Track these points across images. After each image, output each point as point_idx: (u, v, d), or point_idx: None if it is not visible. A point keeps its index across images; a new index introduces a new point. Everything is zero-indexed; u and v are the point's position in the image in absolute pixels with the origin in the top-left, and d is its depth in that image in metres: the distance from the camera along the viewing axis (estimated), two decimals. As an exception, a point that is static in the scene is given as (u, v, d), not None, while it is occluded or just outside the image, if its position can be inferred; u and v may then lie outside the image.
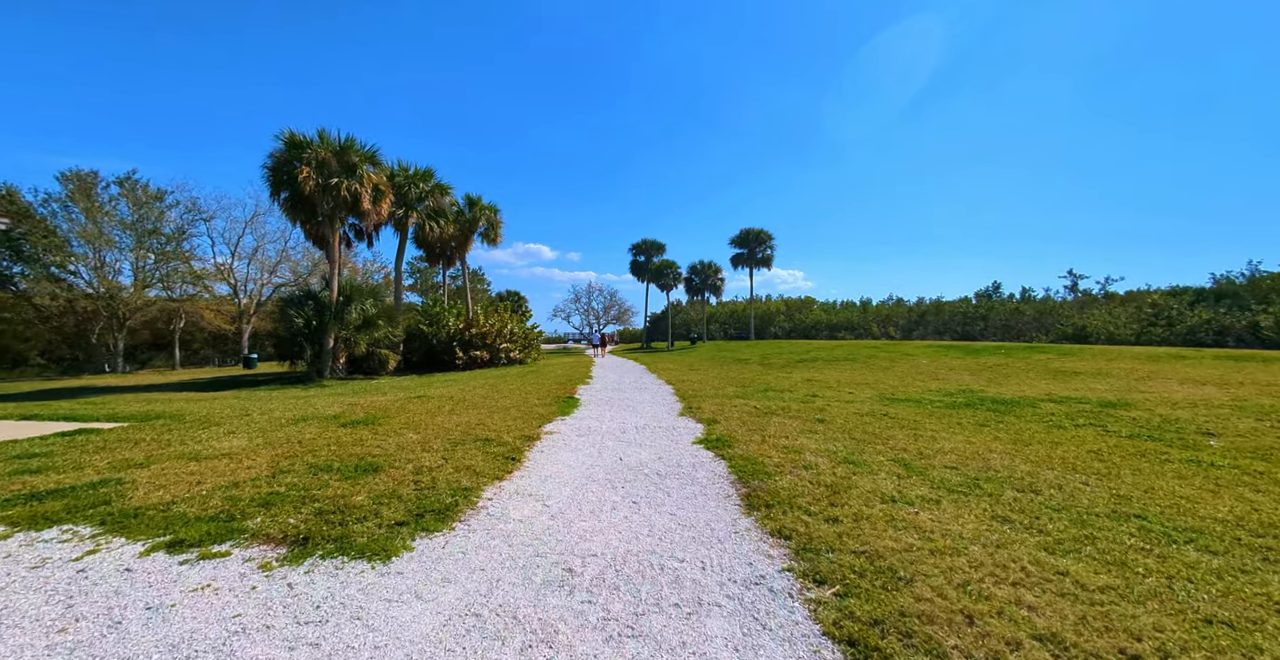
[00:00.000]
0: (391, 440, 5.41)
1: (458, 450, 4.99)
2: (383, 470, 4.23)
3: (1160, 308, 23.53)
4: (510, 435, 5.74)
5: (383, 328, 18.56)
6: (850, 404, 9.19)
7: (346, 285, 17.78)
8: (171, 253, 24.25)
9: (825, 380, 13.12)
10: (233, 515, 3.33)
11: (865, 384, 12.33)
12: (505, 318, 22.58)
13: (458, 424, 6.39)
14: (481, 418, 6.90)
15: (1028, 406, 8.69)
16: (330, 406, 8.13)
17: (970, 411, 8.40)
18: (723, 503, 3.79)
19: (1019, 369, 13.33)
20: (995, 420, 7.55)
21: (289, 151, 15.60)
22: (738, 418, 7.48)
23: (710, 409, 8.29)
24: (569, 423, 6.91)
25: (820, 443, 5.89)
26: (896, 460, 5.13)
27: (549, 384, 12.14)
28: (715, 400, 9.42)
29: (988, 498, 3.95)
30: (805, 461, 5.00)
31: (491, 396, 9.41)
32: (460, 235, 23.14)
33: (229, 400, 10.57)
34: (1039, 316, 32.17)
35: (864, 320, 44.81)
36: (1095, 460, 5.19)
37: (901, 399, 9.84)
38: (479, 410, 7.57)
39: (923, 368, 15.02)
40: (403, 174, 19.89)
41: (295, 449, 5.09)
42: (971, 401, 9.39)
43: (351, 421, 6.50)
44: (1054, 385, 11.06)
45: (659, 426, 6.75)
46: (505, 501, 3.68)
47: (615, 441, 5.80)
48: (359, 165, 16.60)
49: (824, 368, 16.45)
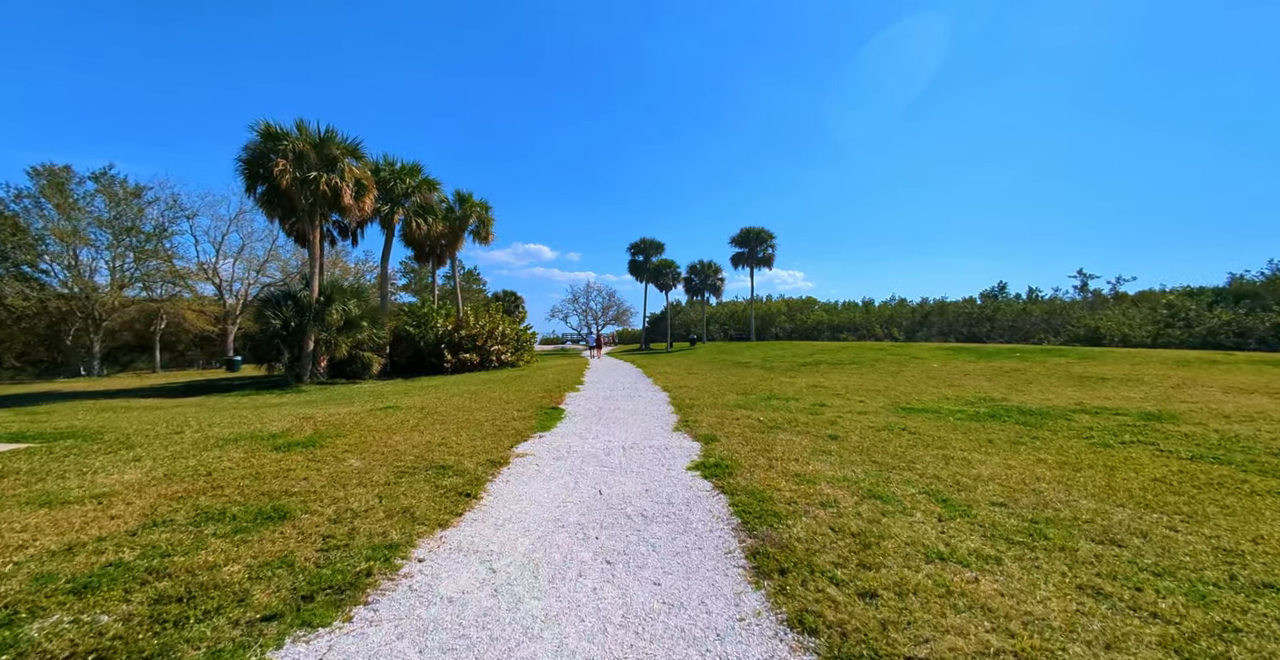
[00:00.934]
0: (325, 469, 4.54)
1: (402, 483, 4.14)
2: (291, 517, 3.36)
3: (1177, 308, 22.68)
4: (473, 460, 4.89)
5: (366, 329, 17.72)
6: (863, 416, 8.35)
7: (328, 285, 16.95)
8: (151, 251, 23.38)
9: (832, 386, 12.28)
10: (15, 612, 2.31)
11: (875, 391, 11.49)
12: (497, 319, 21.74)
13: (416, 445, 5.53)
14: (447, 435, 6.04)
15: (1060, 418, 7.85)
16: (281, 420, 7.26)
17: (997, 424, 7.56)
18: (723, 563, 2.94)
19: (1039, 374, 12.48)
20: (1028, 436, 6.71)
21: (265, 143, 14.77)
22: (739, 434, 6.64)
23: (709, 422, 7.44)
24: (547, 441, 6.06)
25: (837, 468, 5.04)
26: (930, 493, 4.29)
27: (535, 391, 11.29)
28: (714, 411, 8.57)
29: (1060, 553, 3.10)
30: (822, 496, 4.15)
31: (468, 407, 8.56)
32: (450, 233, 22.30)
33: (179, 410, 9.71)
34: (1048, 317, 31.32)
35: (866, 321, 43.97)
36: (1168, 492, 4.34)
37: (918, 409, 8.99)
38: (448, 425, 6.71)
39: (934, 372, 14.17)
40: (388, 169, 19.06)
41: (196, 485, 4.15)
42: (996, 412, 8.55)
43: (290, 443, 5.61)
44: (1081, 393, 10.21)
45: (650, 445, 5.90)
46: (440, 564, 2.81)
47: (597, 467, 4.95)
48: (340, 159, 15.77)
49: (829, 372, 15.60)
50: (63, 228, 20.27)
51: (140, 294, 24.03)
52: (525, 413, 7.93)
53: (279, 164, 14.25)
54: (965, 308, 39.27)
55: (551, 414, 7.96)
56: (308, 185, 14.89)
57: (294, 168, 14.68)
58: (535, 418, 7.57)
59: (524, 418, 7.45)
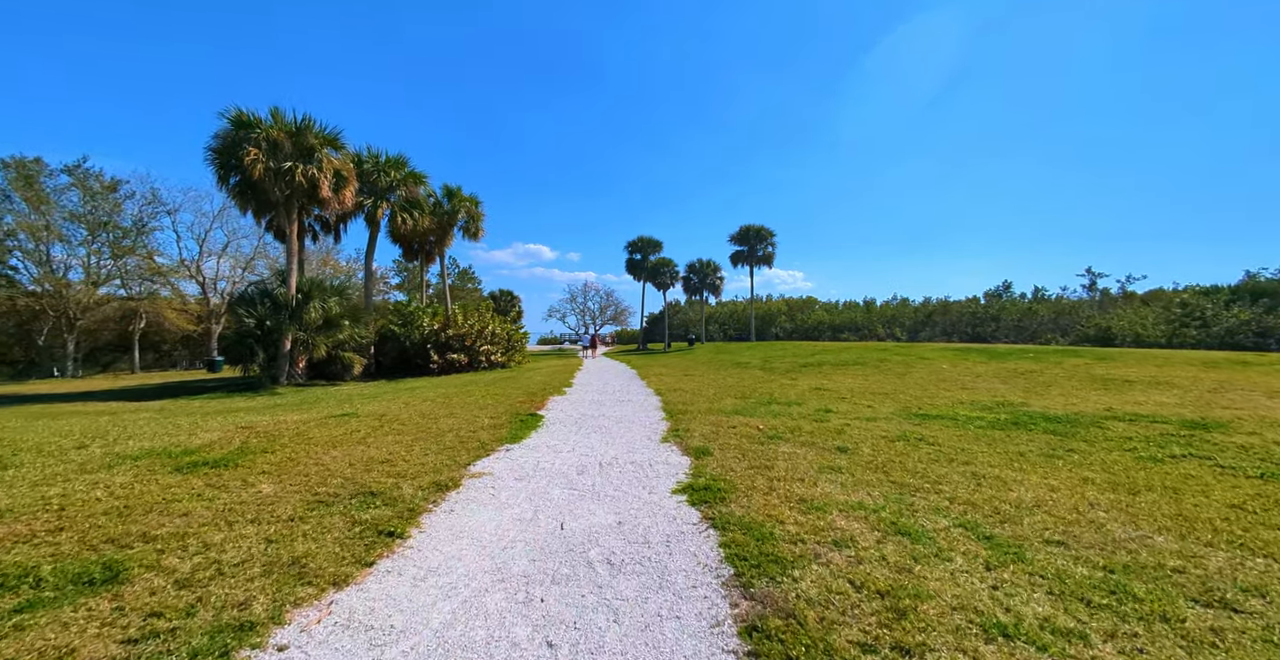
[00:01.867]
0: (222, 499, 3.69)
1: (311, 518, 3.32)
2: (123, 579, 2.49)
3: (1191, 308, 21.88)
4: (415, 483, 4.08)
5: (347, 329, 16.92)
6: (873, 422, 7.56)
7: (307, 282, 16.15)
8: (129, 247, 22.55)
9: (837, 389, 11.49)
10: None
11: (883, 394, 10.70)
12: (486, 318, 20.95)
13: (354, 462, 4.72)
14: (397, 449, 5.23)
15: (1092, 426, 7.07)
16: (215, 430, 6.41)
17: (1023, 434, 6.78)
18: (707, 645, 2.15)
19: (1057, 376, 11.69)
20: (1062, 448, 5.93)
21: (236, 132, 13.96)
22: (736, 446, 5.85)
23: (702, 432, 6.65)
24: (514, 456, 5.26)
25: (850, 490, 4.25)
26: (968, 526, 3.50)
27: (517, 395, 10.50)
28: (709, 418, 7.79)
29: (1164, 625, 2.31)
30: (835, 530, 3.36)
31: (434, 413, 7.75)
32: (439, 229, 21.51)
33: (124, 415, 8.90)
34: (1056, 317, 30.54)
35: (868, 321, 43.23)
36: (1258, 525, 3.56)
37: (932, 415, 8.21)
38: (403, 436, 5.90)
39: (944, 374, 13.38)
40: (371, 161, 18.26)
41: (32, 526, 3.23)
42: (1018, 419, 7.76)
43: (200, 462, 4.70)
44: (1108, 397, 9.42)
45: (632, 461, 5.11)
46: (307, 656, 2.02)
47: (565, 490, 4.15)
48: (318, 148, 14.97)
49: (833, 373, 14.81)
50: (34, 222, 19.48)
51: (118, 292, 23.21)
52: (498, 420, 7.13)
53: (250, 153, 13.45)
54: (969, 307, 38.51)
55: (528, 422, 7.16)
56: (282, 176, 14.09)
57: (267, 157, 13.88)
58: (508, 426, 6.78)
59: (494, 427, 6.65)
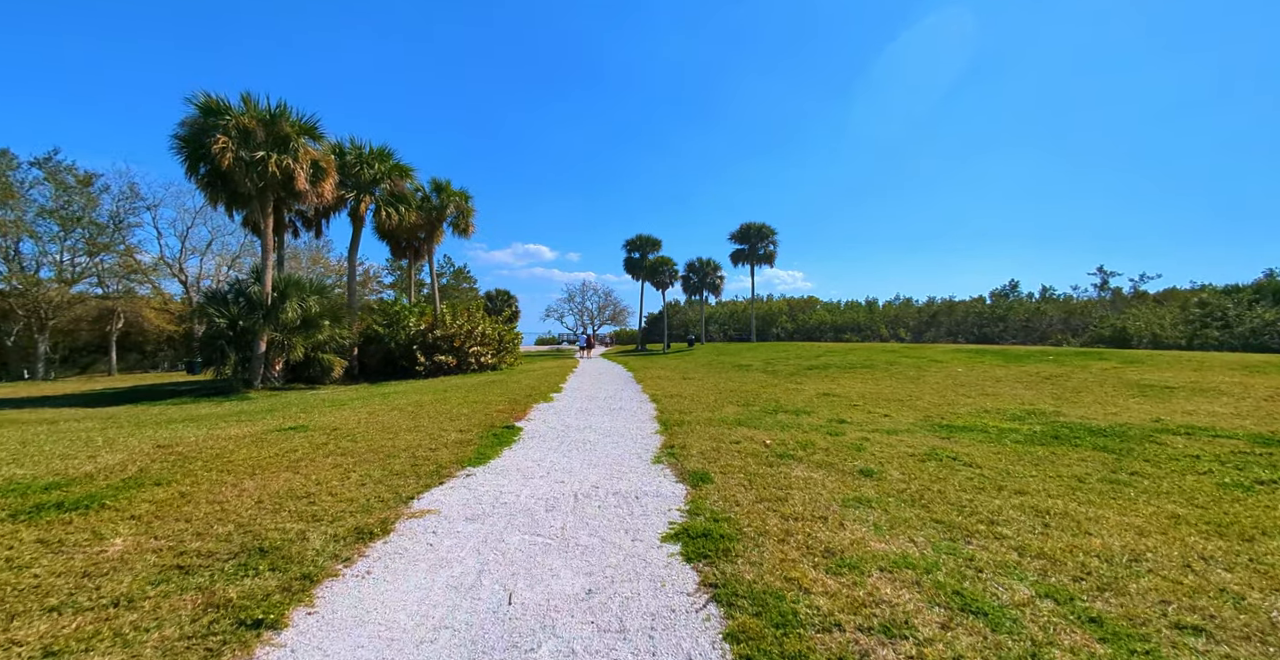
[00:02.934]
0: (34, 569, 2.63)
1: (147, 600, 2.27)
2: None
3: (1212, 307, 20.98)
4: (330, 531, 3.12)
5: (327, 329, 16.03)
6: (895, 436, 6.68)
7: (283, 279, 15.26)
8: (105, 244, 21.62)
9: (847, 395, 10.60)
10: None
11: (898, 401, 9.82)
12: (476, 318, 20.05)
13: (266, 497, 3.74)
14: (331, 477, 4.30)
15: (1146, 442, 6.18)
16: (120, 451, 5.43)
17: (1070, 450, 5.89)
18: None
19: (1086, 381, 10.80)
20: (1123, 470, 5.06)
21: (205, 118, 13.06)
22: (740, 468, 4.96)
23: (701, 449, 5.76)
24: (474, 483, 4.37)
25: (887, 535, 3.37)
26: (1057, 596, 2.60)
27: (499, 401, 9.61)
28: (709, 430, 6.90)
29: None
30: (881, 606, 2.47)
31: (397, 426, 6.84)
32: (427, 225, 20.62)
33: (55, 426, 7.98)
34: (1067, 317, 29.64)
35: (871, 321, 42.34)
36: None
37: (959, 427, 7.32)
38: (346, 458, 4.99)
39: (960, 378, 12.49)
40: (354, 152, 17.36)
41: None
42: (1057, 431, 6.88)
43: (57, 502, 3.67)
44: (1151, 405, 8.53)
45: (615, 491, 4.21)
46: None
47: (526, 536, 3.26)
48: (293, 138, 14.08)
49: (840, 377, 13.92)
50: (1, 217, 18.56)
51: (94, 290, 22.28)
52: (467, 434, 6.22)
53: (218, 140, 12.55)
54: (975, 307, 37.61)
55: (502, 436, 6.25)
56: (253, 166, 13.19)
57: (237, 146, 12.98)
58: (477, 442, 5.88)
59: (460, 443, 5.75)
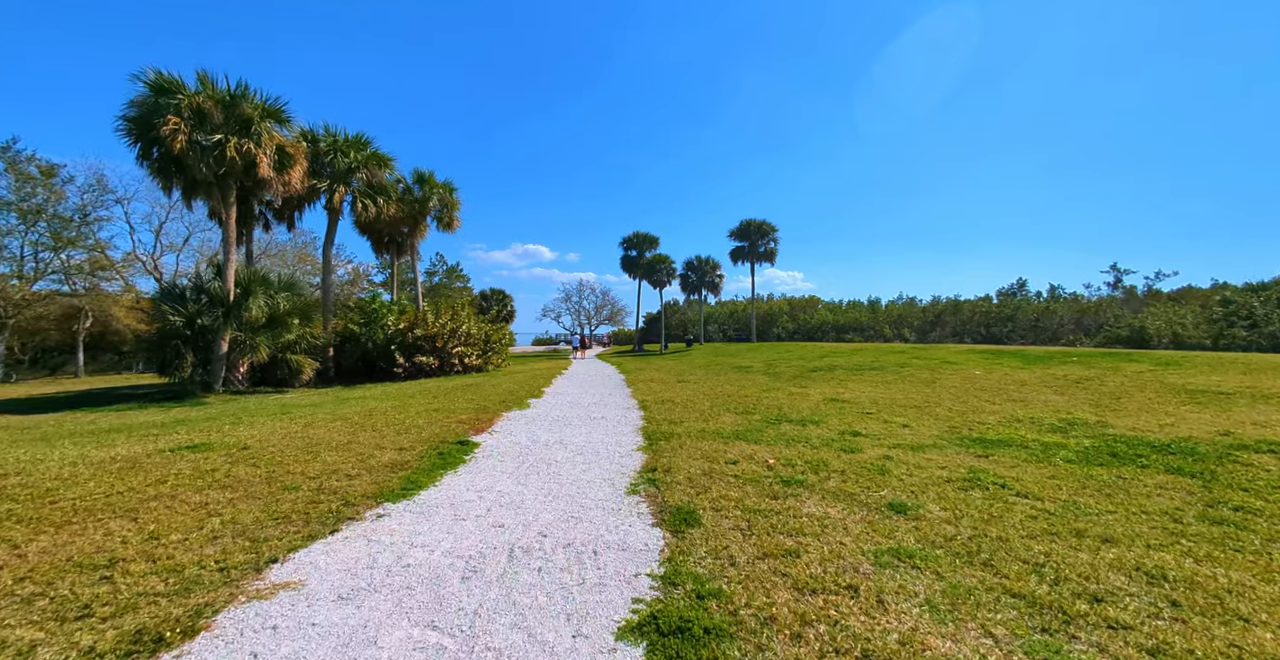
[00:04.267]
0: None
1: None
2: None
3: (1237, 306, 19.91)
4: (86, 643, 2.07)
5: (297, 328, 14.96)
6: (922, 453, 5.61)
7: (248, 274, 14.18)
8: (70, 239, 20.52)
9: (857, 400, 9.53)
10: None
11: (915, 407, 8.75)
12: (461, 317, 18.96)
13: (36, 570, 2.65)
14: (179, 526, 3.11)
15: (1226, 462, 5.13)
16: None
17: (1138, 473, 4.84)
18: None
19: (1124, 386, 9.72)
20: (1219, 501, 4.03)
21: (156, 98, 11.99)
22: (737, 502, 3.89)
23: (689, 473, 4.70)
24: (379, 530, 3.28)
25: (948, 622, 2.29)
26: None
27: (467, 408, 8.54)
28: (701, 446, 5.83)
29: None
30: None
31: (325, 443, 5.72)
32: (409, 218, 19.55)
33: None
34: (1079, 317, 28.55)
35: (874, 321, 41.26)
36: None
37: (994, 441, 6.25)
38: (226, 494, 3.81)
39: (980, 382, 11.42)
40: (328, 140, 16.27)
41: None
42: (1113, 447, 5.82)
43: None
44: (1211, 415, 7.44)
45: (568, 542, 3.13)
46: None
47: (412, 634, 2.18)
48: (256, 121, 13.00)
49: (847, 380, 12.85)
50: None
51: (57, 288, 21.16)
52: (406, 454, 5.13)
53: (169, 121, 11.47)
54: (981, 307, 36.52)
55: (449, 455, 5.17)
56: (210, 151, 12.12)
57: (190, 128, 11.91)
58: (414, 464, 4.79)
59: (393, 466, 4.67)
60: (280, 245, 31.56)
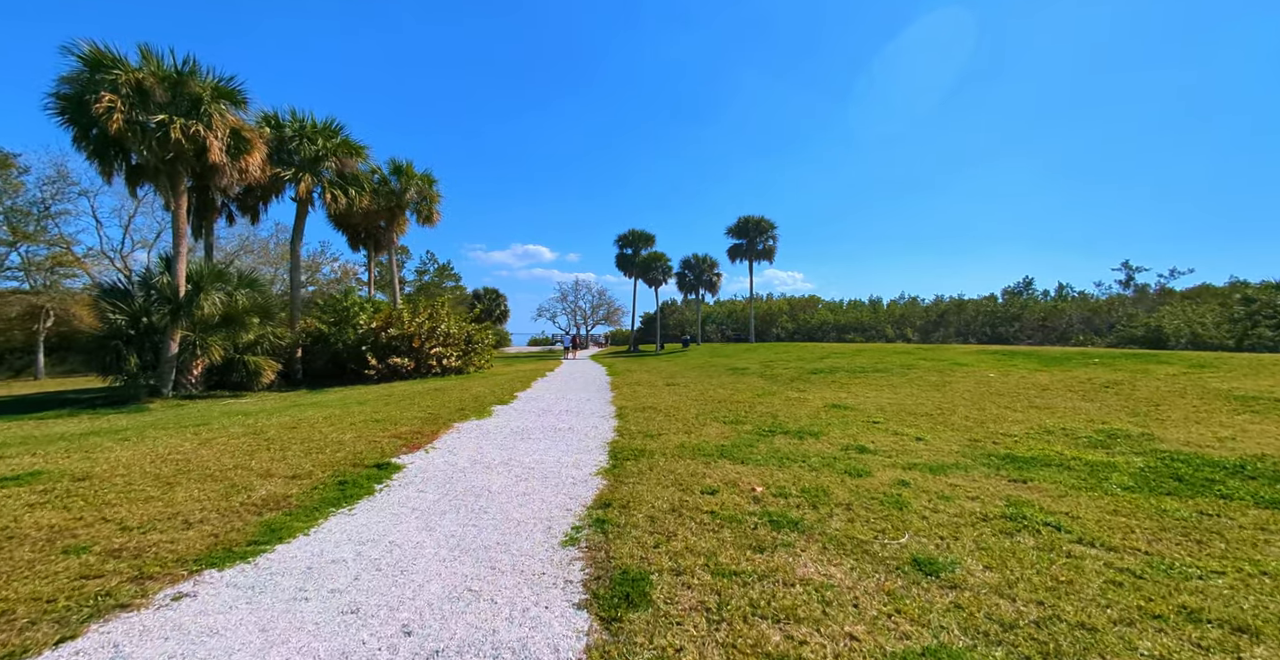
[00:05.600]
0: None
1: None
2: None
3: (1261, 304, 18.87)
4: None
5: (256, 327, 13.92)
6: (944, 476, 4.57)
7: (200, 269, 13.14)
8: (29, 233, 19.46)
9: (862, 407, 8.51)
10: None
11: (928, 415, 7.73)
12: (441, 315, 17.90)
13: None
14: None
15: (1330, 492, 4.08)
16: None
17: (1221, 505, 3.84)
18: None
19: (1160, 392, 8.69)
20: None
21: (91, 73, 10.94)
22: (707, 562, 2.85)
23: (652, 508, 3.67)
24: (152, 631, 2.26)
25: None
26: None
27: (415, 418, 7.51)
28: (676, 468, 4.80)
29: None
30: None
31: (198, 469, 4.58)
32: (386, 211, 18.50)
33: None
34: (1088, 316, 27.52)
35: (875, 321, 40.21)
36: None
37: (1027, 459, 5.22)
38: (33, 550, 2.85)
39: (995, 386, 10.39)
40: (294, 125, 15.22)
41: None
42: (1173, 468, 4.80)
43: None
44: (1277, 427, 6.40)
45: (436, 650, 2.08)
46: None
47: None
48: (208, 102, 11.95)
49: (850, 383, 11.82)
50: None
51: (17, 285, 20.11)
52: (292, 487, 4.04)
53: (103, 98, 10.43)
54: (986, 306, 35.45)
55: (353, 485, 4.13)
56: (152, 133, 11.08)
57: (130, 107, 10.87)
58: (296, 500, 3.74)
59: (264, 505, 3.60)
60: (263, 241, 30.53)
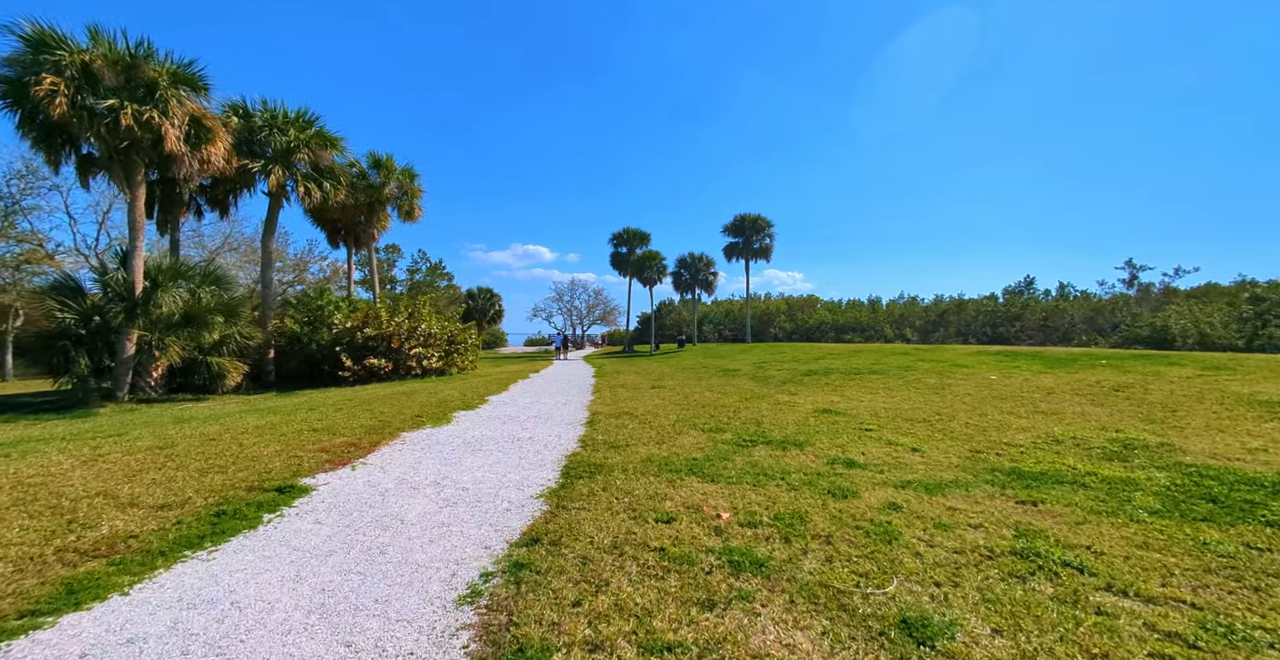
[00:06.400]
0: None
1: None
2: None
3: (1270, 303, 18.26)
4: None
5: (221, 327, 13.23)
6: (941, 497, 3.92)
7: (158, 265, 12.47)
8: (-6, 230, 18.78)
9: (854, 412, 7.87)
10: None
11: (925, 421, 7.08)
12: (421, 314, 17.24)
13: None
14: None
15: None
16: None
17: (1274, 535, 3.18)
18: None
19: (1175, 395, 8.05)
20: None
21: (34, 54, 10.26)
22: (638, 627, 2.19)
23: (591, 547, 3.02)
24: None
25: None
26: None
27: (361, 427, 6.86)
28: (635, 487, 4.15)
29: None
30: None
31: (57, 496, 3.93)
32: (365, 206, 17.82)
33: None
34: (1091, 315, 26.90)
35: (874, 321, 39.61)
36: None
37: (1035, 475, 4.58)
38: None
39: (997, 389, 9.75)
40: (264, 115, 14.54)
41: None
42: (1205, 487, 4.16)
43: None
44: (1311, 437, 5.75)
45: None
46: None
47: None
48: (164, 87, 11.27)
49: (844, 385, 11.18)
50: None
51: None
52: (149, 524, 3.31)
53: (44, 81, 9.75)
54: (987, 306, 34.83)
55: (234, 516, 3.47)
56: (100, 119, 10.40)
57: (75, 90, 10.19)
58: (136, 548, 3.06)
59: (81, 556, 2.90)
60: (247, 238, 29.80)
